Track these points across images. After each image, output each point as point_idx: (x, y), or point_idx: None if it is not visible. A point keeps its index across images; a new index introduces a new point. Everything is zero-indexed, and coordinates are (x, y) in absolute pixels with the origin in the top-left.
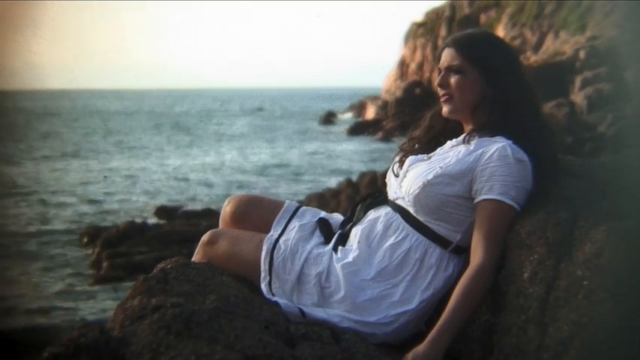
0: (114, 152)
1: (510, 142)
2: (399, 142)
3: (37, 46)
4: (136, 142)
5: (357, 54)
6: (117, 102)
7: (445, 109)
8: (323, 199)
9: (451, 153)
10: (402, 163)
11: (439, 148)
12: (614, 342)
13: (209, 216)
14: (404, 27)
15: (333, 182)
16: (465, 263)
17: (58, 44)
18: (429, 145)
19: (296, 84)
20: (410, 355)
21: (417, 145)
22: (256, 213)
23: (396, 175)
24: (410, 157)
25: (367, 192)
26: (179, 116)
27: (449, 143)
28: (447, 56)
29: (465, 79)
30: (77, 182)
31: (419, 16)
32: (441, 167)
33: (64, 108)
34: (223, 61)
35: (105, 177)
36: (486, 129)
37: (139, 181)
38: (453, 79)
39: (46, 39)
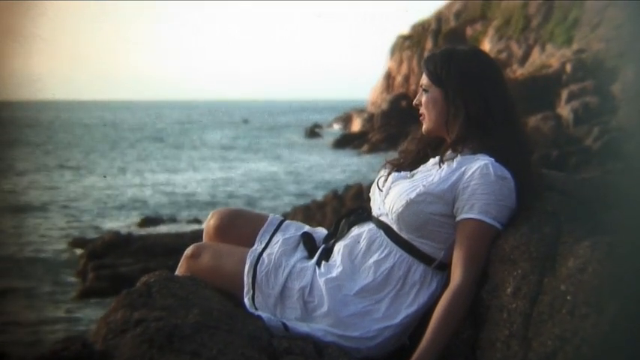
0: (97, 165)
1: (492, 159)
2: (385, 155)
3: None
4: (117, 155)
5: (344, 66)
6: (97, 113)
7: (423, 128)
8: (309, 211)
9: (434, 171)
10: (386, 178)
11: (422, 165)
12: (597, 357)
13: (195, 224)
14: (390, 40)
15: (318, 195)
16: (449, 278)
17: (48, 56)
18: (414, 161)
19: (281, 96)
20: None
21: (402, 160)
22: (240, 226)
23: (380, 190)
24: (393, 174)
25: (352, 205)
26: (161, 128)
27: (431, 160)
28: (423, 76)
29: (429, 98)
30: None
31: (405, 29)
32: (424, 185)
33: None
34: (208, 73)
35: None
36: (462, 145)
37: (122, 194)
38: (423, 98)
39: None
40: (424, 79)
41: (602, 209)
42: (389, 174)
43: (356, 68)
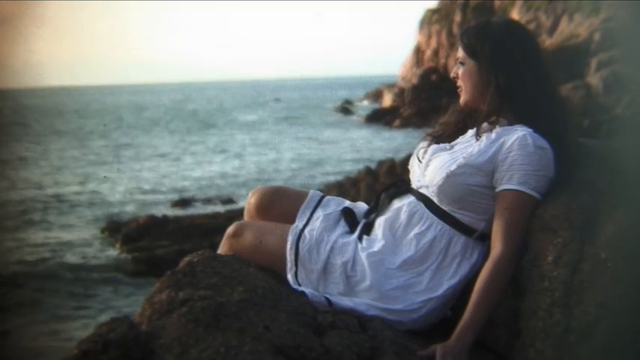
0: (129, 148)
1: (531, 130)
2: (417, 130)
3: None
4: (148, 138)
5: (372, 42)
6: (114, 98)
7: (460, 100)
8: (342, 188)
9: (473, 143)
10: (426, 150)
11: (461, 137)
12: (639, 324)
13: (228, 204)
14: (419, 14)
15: (352, 170)
16: (489, 249)
17: (57, 42)
18: (454, 132)
19: (311, 74)
20: (439, 350)
21: (442, 132)
22: (281, 204)
23: (420, 162)
24: (432, 146)
25: (386, 181)
26: (194, 110)
27: (470, 132)
28: (459, 49)
29: (465, 70)
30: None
31: (433, 3)
32: (464, 157)
33: (78, 105)
34: (236, 53)
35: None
36: (499, 116)
37: (159, 176)
38: (459, 71)
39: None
40: (460, 52)
41: (637, 176)
42: (428, 146)
43: (386, 43)
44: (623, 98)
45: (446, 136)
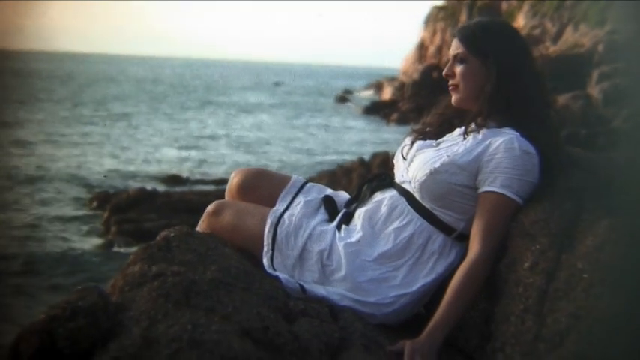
0: (127, 119)
1: (518, 134)
2: (413, 125)
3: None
4: (150, 112)
5: (377, 34)
6: (132, 68)
7: (453, 99)
8: (334, 177)
9: (459, 142)
10: (411, 146)
11: (448, 135)
12: (610, 337)
13: (221, 184)
14: (425, 10)
15: (346, 160)
16: (467, 250)
17: (70, 7)
18: (439, 130)
19: (313, 60)
20: (408, 346)
21: (427, 129)
22: (263, 186)
23: (404, 158)
24: (418, 142)
25: (377, 172)
26: (193, 86)
27: (457, 131)
28: (453, 46)
29: (467, 68)
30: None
31: (440, 1)
32: (448, 156)
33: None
34: (240, 33)
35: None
36: (489, 118)
37: (152, 150)
38: (457, 69)
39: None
40: (459, 50)
41: (624, 189)
42: (414, 142)
43: (389, 36)
44: (622, 111)
45: (433, 133)
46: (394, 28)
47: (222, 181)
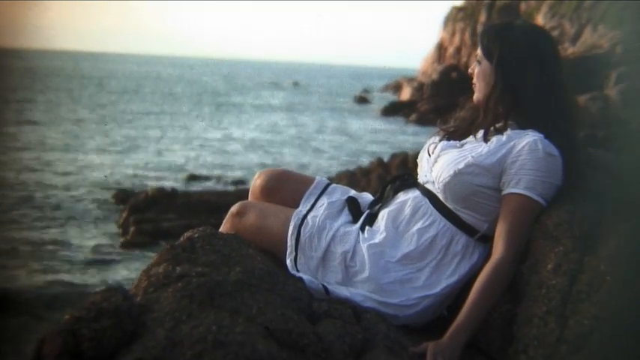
0: (147, 119)
1: (542, 135)
2: (432, 126)
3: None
4: (170, 110)
5: (395, 34)
6: (141, 67)
7: (473, 97)
8: (353, 177)
9: (483, 143)
10: (436, 146)
11: (472, 136)
12: (633, 339)
13: (240, 185)
14: (444, 10)
15: (364, 161)
16: (491, 251)
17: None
18: (464, 131)
19: (332, 60)
20: (430, 347)
21: (452, 130)
22: (286, 188)
23: (429, 157)
24: (442, 142)
25: (397, 173)
26: (213, 86)
27: (481, 132)
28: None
29: (480, 70)
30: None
31: (459, 1)
32: (472, 157)
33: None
34: (256, 32)
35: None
36: (507, 119)
37: (172, 150)
38: (476, 69)
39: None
40: (479, 50)
41: None
42: (439, 141)
43: (408, 37)
44: None
45: (458, 133)
46: (413, 29)
47: (241, 182)
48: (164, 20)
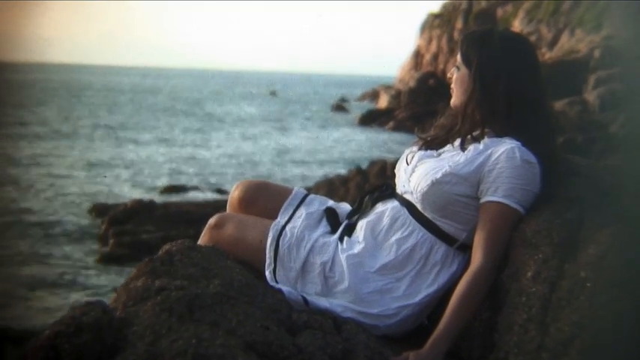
0: (124, 131)
1: (519, 143)
2: (411, 133)
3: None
4: (147, 123)
5: (372, 42)
6: (117, 78)
7: (451, 101)
8: (332, 186)
9: (460, 151)
10: (413, 155)
11: (449, 145)
12: (614, 345)
13: (218, 194)
14: (420, 17)
15: (343, 169)
16: (470, 260)
17: (62, 18)
18: (441, 140)
19: (309, 69)
20: (411, 357)
21: (429, 139)
22: (264, 199)
23: (408, 164)
24: (419, 152)
25: (376, 181)
26: (189, 97)
27: (458, 140)
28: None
29: (458, 75)
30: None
31: (436, 7)
32: (450, 166)
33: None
34: (234, 42)
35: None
36: (484, 127)
37: (147, 163)
38: (454, 75)
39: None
40: (458, 56)
41: (625, 197)
42: (417, 151)
43: (384, 44)
44: (619, 117)
45: (435, 143)
46: (390, 36)
47: (219, 192)
48: (134, 30)
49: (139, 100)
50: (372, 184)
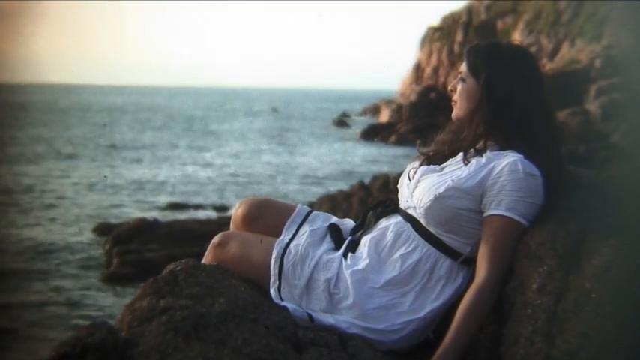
0: (127, 150)
1: (522, 156)
2: (413, 147)
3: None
4: (147, 141)
5: (373, 56)
6: (119, 98)
7: (452, 114)
8: (335, 202)
9: (463, 165)
10: (415, 171)
11: (451, 159)
12: (620, 355)
13: (221, 212)
14: (420, 31)
15: (345, 185)
16: (474, 273)
17: (57, 40)
18: (443, 155)
19: (309, 85)
20: None
21: (432, 154)
22: (268, 216)
23: (409, 182)
24: (422, 167)
25: (379, 196)
26: (190, 115)
27: (460, 154)
28: (461, 64)
29: (464, 87)
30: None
31: (435, 21)
32: (452, 180)
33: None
34: (234, 59)
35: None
36: (488, 140)
37: (151, 181)
38: (458, 86)
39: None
40: (463, 68)
41: (628, 208)
42: (419, 167)
43: (386, 59)
44: (621, 126)
45: (437, 157)
46: (390, 50)
47: (222, 209)
48: (137, 50)
49: (139, 118)
50: (375, 199)
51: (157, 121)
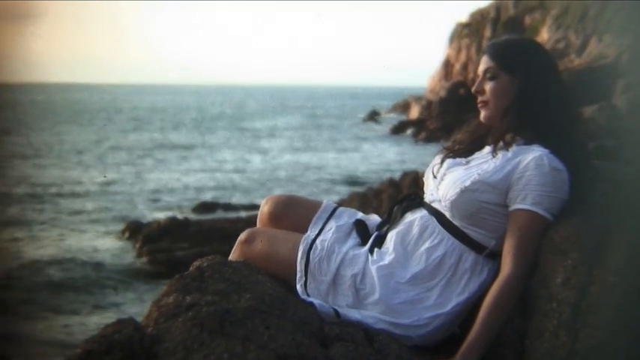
0: (157, 148)
1: (547, 151)
2: (443, 142)
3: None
4: (182, 140)
5: (403, 53)
6: (148, 97)
7: (482, 115)
8: (365, 198)
9: (489, 159)
10: (441, 164)
11: (477, 153)
12: None
13: (251, 210)
14: (449, 27)
15: (375, 181)
16: (499, 267)
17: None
18: (469, 148)
19: (338, 82)
20: None
21: (457, 147)
22: (294, 213)
23: (435, 176)
24: (448, 160)
25: (407, 192)
26: (222, 113)
27: (487, 148)
28: (483, 63)
29: (497, 85)
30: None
31: (464, 17)
32: (478, 174)
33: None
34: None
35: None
36: (517, 134)
37: (182, 179)
38: (487, 86)
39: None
40: (489, 65)
41: None
42: (444, 160)
43: (416, 55)
44: None
45: (463, 151)
46: (419, 47)
47: (252, 208)
48: (157, 49)
49: (167, 117)
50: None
51: (189, 120)
